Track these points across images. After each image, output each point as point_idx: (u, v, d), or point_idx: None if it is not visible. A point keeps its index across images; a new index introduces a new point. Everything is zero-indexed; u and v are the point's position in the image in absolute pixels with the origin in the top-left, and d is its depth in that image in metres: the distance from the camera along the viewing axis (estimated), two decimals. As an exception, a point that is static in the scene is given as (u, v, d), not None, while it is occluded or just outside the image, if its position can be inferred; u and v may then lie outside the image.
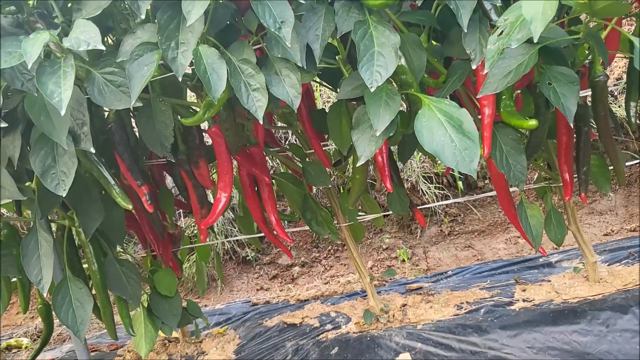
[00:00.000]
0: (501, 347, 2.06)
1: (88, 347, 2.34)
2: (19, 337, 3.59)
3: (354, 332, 2.34)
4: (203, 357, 2.44)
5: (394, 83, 1.62)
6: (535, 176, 2.41)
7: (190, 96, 2.49)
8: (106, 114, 1.88)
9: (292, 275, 3.94)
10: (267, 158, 2.67)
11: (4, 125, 1.41)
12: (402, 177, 3.22)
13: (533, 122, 1.59)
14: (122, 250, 3.92)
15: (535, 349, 2.02)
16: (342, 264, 3.91)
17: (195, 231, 4.03)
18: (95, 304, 2.13)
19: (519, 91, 1.93)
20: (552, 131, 1.95)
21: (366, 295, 2.55)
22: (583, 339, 2.00)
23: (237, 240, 4.12)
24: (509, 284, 2.45)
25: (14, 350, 3.36)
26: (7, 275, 2.23)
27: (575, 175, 2.00)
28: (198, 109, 1.68)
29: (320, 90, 4.32)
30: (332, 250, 4.05)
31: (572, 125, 1.52)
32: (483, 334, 2.13)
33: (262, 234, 2.46)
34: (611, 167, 2.07)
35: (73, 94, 1.53)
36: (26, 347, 3.37)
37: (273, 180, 2.29)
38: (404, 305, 2.45)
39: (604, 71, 1.68)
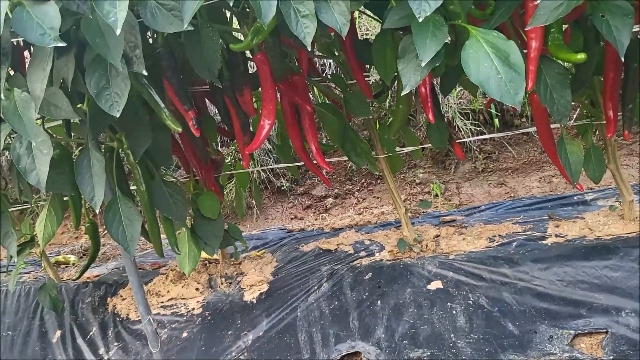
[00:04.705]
0: (531, 279, 2.12)
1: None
2: (67, 255, 3.80)
3: (388, 260, 2.42)
4: (242, 277, 2.56)
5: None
6: (575, 114, 2.39)
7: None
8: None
9: (326, 206, 4.02)
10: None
11: (62, 44, 1.46)
12: (439, 112, 3.21)
13: (582, 56, 1.57)
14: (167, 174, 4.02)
15: (564, 281, 2.07)
16: (374, 196, 3.97)
17: (234, 160, 4.13)
18: (142, 224, 2.23)
19: (566, 26, 1.89)
20: (599, 68, 1.93)
21: (399, 226, 2.62)
22: (614, 274, 2.04)
23: (272, 170, 4.21)
24: (542, 220, 2.48)
25: (62, 266, 3.56)
26: (62, 192, 2.35)
27: (619, 114, 1.98)
28: (242, 37, 1.70)
29: (358, 24, 4.26)
30: (365, 184, 4.11)
31: (622, 60, 1.50)
32: (514, 266, 2.18)
33: (301, 163, 2.52)
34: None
35: (126, 17, 1.57)
36: (74, 264, 3.57)
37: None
38: (437, 236, 2.51)
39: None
